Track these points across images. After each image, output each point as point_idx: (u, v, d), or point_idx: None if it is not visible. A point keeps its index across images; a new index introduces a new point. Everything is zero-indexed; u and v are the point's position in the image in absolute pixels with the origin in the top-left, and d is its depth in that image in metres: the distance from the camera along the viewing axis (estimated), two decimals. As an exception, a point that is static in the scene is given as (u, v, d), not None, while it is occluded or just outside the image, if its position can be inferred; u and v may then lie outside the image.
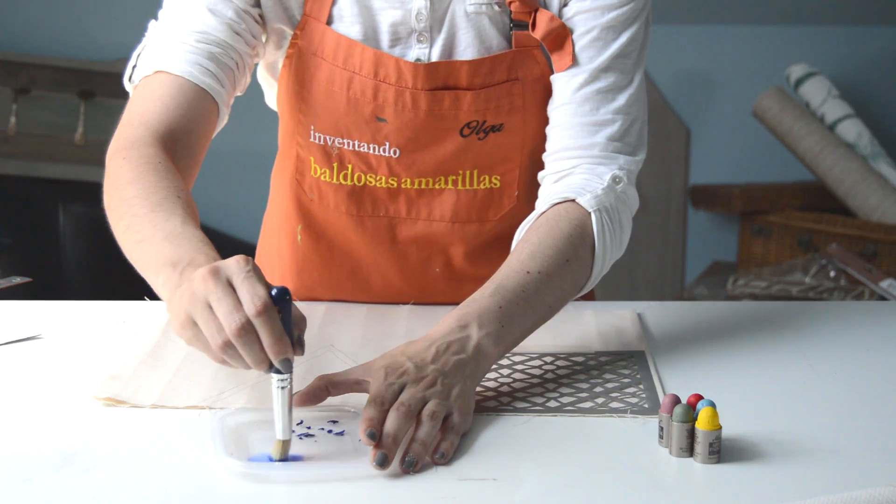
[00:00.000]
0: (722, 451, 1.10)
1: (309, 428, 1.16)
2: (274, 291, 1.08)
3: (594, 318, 1.48)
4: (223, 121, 1.48)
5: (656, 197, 3.64)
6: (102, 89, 3.52)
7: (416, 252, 1.54)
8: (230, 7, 1.42)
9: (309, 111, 1.48)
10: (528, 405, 1.23)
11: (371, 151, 1.48)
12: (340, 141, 1.48)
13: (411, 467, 1.09)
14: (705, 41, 3.54)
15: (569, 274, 1.34)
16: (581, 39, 1.42)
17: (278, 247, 1.62)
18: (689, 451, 1.11)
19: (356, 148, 1.48)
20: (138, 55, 1.47)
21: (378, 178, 1.50)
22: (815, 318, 1.51)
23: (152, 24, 1.49)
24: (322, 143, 1.49)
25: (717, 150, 3.60)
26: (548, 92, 1.47)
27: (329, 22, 1.45)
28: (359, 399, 1.20)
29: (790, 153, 3.38)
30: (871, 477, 1.07)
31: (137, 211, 1.27)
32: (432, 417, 1.15)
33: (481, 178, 1.51)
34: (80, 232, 3.41)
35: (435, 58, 1.45)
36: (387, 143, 1.47)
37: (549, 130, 1.45)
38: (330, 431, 1.16)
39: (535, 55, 1.45)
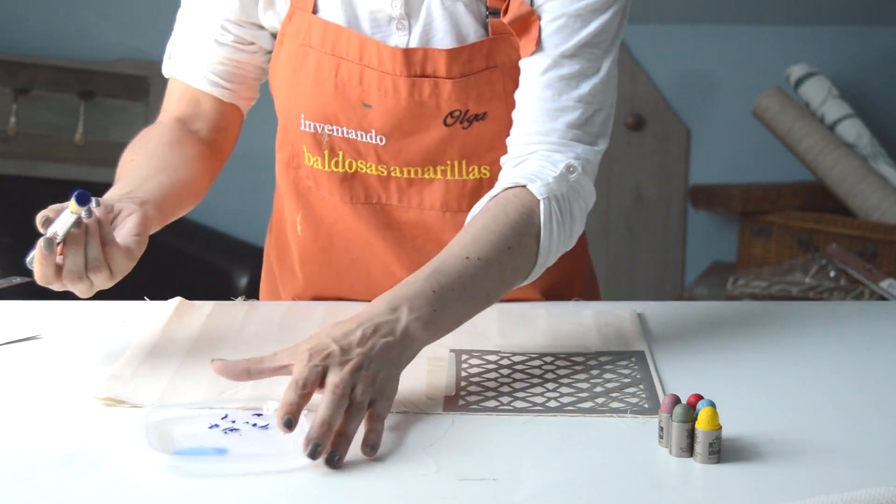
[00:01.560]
0: (722, 451, 1.10)
1: (234, 422, 1.17)
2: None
3: (594, 318, 1.48)
4: (252, 101, 1.60)
5: (656, 197, 3.64)
6: (102, 89, 3.52)
7: (411, 239, 1.55)
8: (217, 21, 1.51)
9: (299, 99, 1.50)
10: (528, 405, 1.23)
11: (359, 138, 1.50)
12: (330, 128, 1.50)
13: (334, 462, 1.09)
14: (705, 41, 3.54)
15: (510, 262, 1.33)
16: (549, 26, 1.41)
17: (285, 240, 1.64)
18: (689, 451, 1.11)
19: (345, 134, 1.50)
20: (169, 44, 1.57)
21: (368, 164, 1.51)
22: (815, 318, 1.51)
23: (180, 14, 1.56)
24: (312, 130, 1.51)
25: (717, 150, 3.60)
26: None
27: (314, 11, 1.48)
28: (282, 392, 1.19)
29: (790, 153, 3.38)
30: (871, 477, 1.07)
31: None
32: (359, 407, 1.14)
33: (470, 169, 1.51)
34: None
35: (413, 45, 1.46)
36: (373, 131, 1.48)
37: (513, 115, 1.44)
38: (255, 425, 1.17)
39: (513, 42, 1.45)
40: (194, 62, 1.53)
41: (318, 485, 1.06)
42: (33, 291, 1.59)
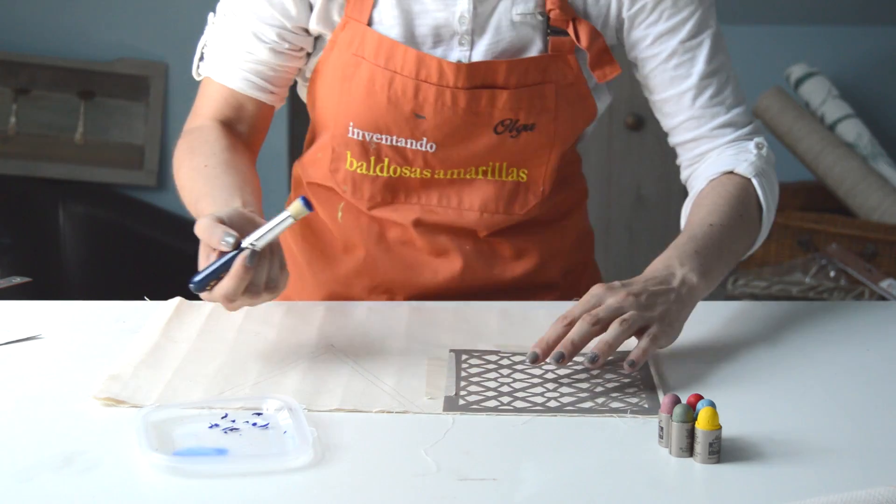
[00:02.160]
0: (722, 451, 1.10)
1: (234, 421, 1.17)
2: (192, 287, 1.28)
3: (594, 318, 1.48)
4: (281, 103, 1.60)
5: (656, 197, 3.64)
6: (102, 89, 3.52)
7: (445, 235, 1.59)
8: (273, 30, 1.52)
9: (348, 108, 1.53)
10: (528, 405, 1.23)
11: (408, 146, 1.53)
12: (379, 136, 1.53)
13: (593, 362, 1.26)
14: (705, 41, 3.54)
15: (743, 226, 1.49)
16: (668, 62, 1.52)
17: (317, 232, 1.66)
18: (689, 451, 1.11)
19: (394, 143, 1.53)
20: (202, 47, 1.59)
21: (413, 169, 1.55)
22: (815, 318, 1.51)
23: (211, 17, 1.58)
24: (360, 138, 1.54)
25: (717, 150, 3.59)
26: (579, 97, 1.54)
27: (369, 23, 1.50)
28: (284, 391, 1.23)
29: (790, 153, 3.38)
30: (871, 477, 1.07)
31: (188, 198, 1.47)
32: (622, 322, 1.28)
33: (510, 171, 1.56)
34: (80, 232, 3.41)
35: (476, 59, 1.50)
36: (424, 139, 1.52)
37: (679, 143, 1.59)
38: (255, 425, 1.17)
39: (569, 60, 1.52)
40: (240, 66, 1.55)
41: (318, 485, 1.06)
42: (33, 291, 1.60)
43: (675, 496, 1.05)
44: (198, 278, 1.28)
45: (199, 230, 1.29)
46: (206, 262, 1.29)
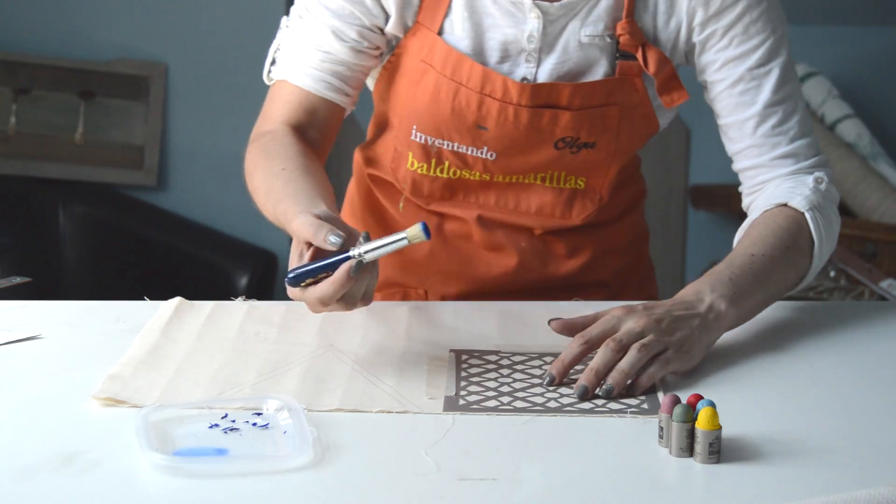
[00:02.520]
0: (722, 451, 1.10)
1: (234, 421, 1.17)
2: (287, 281, 1.25)
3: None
4: (352, 107, 1.59)
5: (656, 197, 3.64)
6: (102, 89, 3.52)
7: (502, 232, 1.62)
8: (354, 29, 1.52)
9: (412, 113, 1.55)
10: (528, 405, 1.23)
11: (469, 153, 1.56)
12: (440, 142, 1.55)
13: (608, 395, 1.23)
14: (705, 41, 3.54)
15: (789, 259, 1.46)
16: (734, 89, 1.52)
17: (382, 213, 1.69)
18: (689, 451, 1.11)
19: (455, 149, 1.56)
20: (275, 51, 1.58)
21: (472, 173, 1.58)
22: (815, 318, 1.51)
23: (284, 21, 1.58)
24: (423, 142, 1.56)
25: (717, 150, 3.55)
26: (644, 122, 1.57)
27: (440, 32, 1.52)
28: (284, 391, 1.24)
29: (790, 153, 3.37)
30: (871, 477, 1.07)
31: (269, 198, 1.44)
32: (640, 349, 1.26)
33: (568, 178, 1.58)
34: (80, 232, 3.41)
35: (542, 78, 1.52)
36: (485, 148, 1.55)
37: (740, 169, 1.57)
38: (255, 425, 1.17)
39: (636, 83, 1.53)
40: (316, 67, 1.53)
41: (318, 485, 1.06)
42: (33, 291, 1.60)
43: (675, 496, 1.05)
44: (294, 274, 1.25)
45: (302, 227, 1.26)
46: (298, 259, 1.26)
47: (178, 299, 1.51)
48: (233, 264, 3.36)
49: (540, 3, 1.49)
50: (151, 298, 1.53)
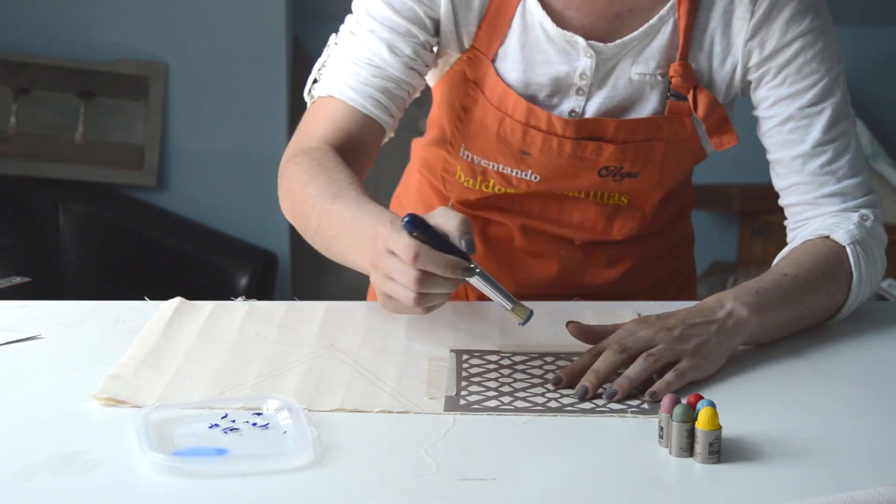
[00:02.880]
0: (722, 451, 1.10)
1: (234, 421, 1.17)
2: (404, 222, 1.21)
3: (594, 319, 1.48)
4: (392, 132, 1.55)
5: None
6: (102, 89, 3.52)
7: (544, 239, 1.64)
8: (409, 45, 1.50)
9: (461, 132, 1.58)
10: (529, 405, 1.23)
11: (513, 174, 1.58)
12: (486, 162, 1.58)
13: (611, 398, 1.22)
14: (705, 41, 3.54)
15: (824, 284, 1.43)
16: (787, 124, 1.51)
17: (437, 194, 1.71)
18: (689, 451, 1.11)
19: (500, 170, 1.58)
20: (319, 69, 1.54)
21: (517, 191, 1.60)
22: (815, 318, 1.51)
23: (332, 39, 1.55)
24: (470, 160, 1.59)
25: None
26: (691, 154, 1.58)
27: (494, 59, 1.52)
28: (284, 391, 1.24)
29: (790, 153, 3.38)
30: (871, 477, 1.07)
31: (321, 209, 1.38)
32: (647, 357, 1.25)
33: (612, 195, 1.61)
34: (80, 232, 3.42)
35: (590, 111, 1.53)
36: (529, 171, 1.57)
37: (786, 205, 1.54)
38: (255, 425, 1.17)
39: (685, 122, 1.54)
40: (368, 84, 1.49)
41: (318, 485, 1.06)
42: (33, 291, 1.60)
43: (675, 496, 1.05)
44: (413, 219, 1.22)
45: (447, 212, 1.24)
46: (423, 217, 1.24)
47: (178, 299, 1.51)
48: (233, 264, 3.36)
49: (594, 43, 1.49)
50: (151, 298, 1.53)
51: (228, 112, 3.55)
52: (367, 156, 1.51)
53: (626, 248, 1.67)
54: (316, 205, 1.38)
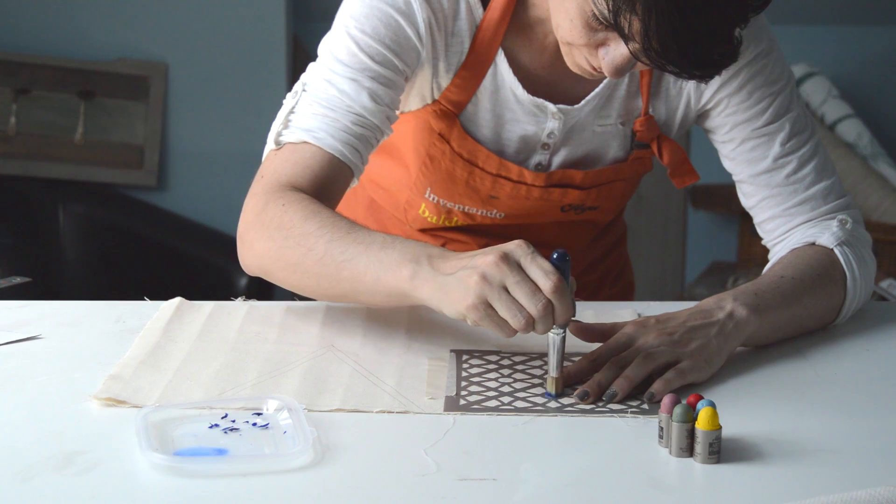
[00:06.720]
0: (722, 451, 1.10)
1: (234, 421, 1.17)
2: (555, 255, 1.20)
3: (594, 319, 1.48)
4: (356, 181, 1.48)
5: (656, 197, 3.64)
6: (102, 89, 3.52)
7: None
8: (389, 95, 1.45)
9: (427, 178, 1.58)
10: (529, 405, 1.23)
11: (479, 213, 1.62)
12: (452, 204, 1.60)
13: (612, 399, 1.22)
14: (705, 41, 3.54)
15: (822, 287, 1.43)
16: (746, 144, 1.52)
17: (386, 225, 1.71)
18: (689, 451, 1.11)
19: (466, 210, 1.62)
20: (288, 114, 1.46)
21: (481, 224, 1.64)
22: (815, 318, 1.51)
23: (299, 85, 1.48)
24: (435, 202, 1.61)
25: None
26: (642, 177, 1.64)
27: (460, 113, 1.53)
28: (284, 391, 1.24)
29: (790, 153, 3.38)
30: (871, 477, 1.07)
31: (331, 237, 1.32)
32: (644, 356, 1.25)
33: (571, 223, 1.65)
34: (80, 232, 3.42)
35: (555, 164, 1.57)
36: (495, 210, 1.61)
37: (759, 222, 1.56)
38: (255, 425, 1.17)
39: (646, 163, 1.59)
40: (345, 131, 1.42)
41: (318, 485, 1.06)
42: (33, 291, 1.60)
43: (675, 496, 1.05)
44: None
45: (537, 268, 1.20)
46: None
47: (178, 299, 1.51)
48: (233, 264, 3.34)
49: (563, 107, 1.51)
50: (152, 298, 1.53)
51: (228, 112, 3.55)
52: (337, 200, 1.45)
53: (580, 252, 1.71)
54: (323, 235, 1.32)
